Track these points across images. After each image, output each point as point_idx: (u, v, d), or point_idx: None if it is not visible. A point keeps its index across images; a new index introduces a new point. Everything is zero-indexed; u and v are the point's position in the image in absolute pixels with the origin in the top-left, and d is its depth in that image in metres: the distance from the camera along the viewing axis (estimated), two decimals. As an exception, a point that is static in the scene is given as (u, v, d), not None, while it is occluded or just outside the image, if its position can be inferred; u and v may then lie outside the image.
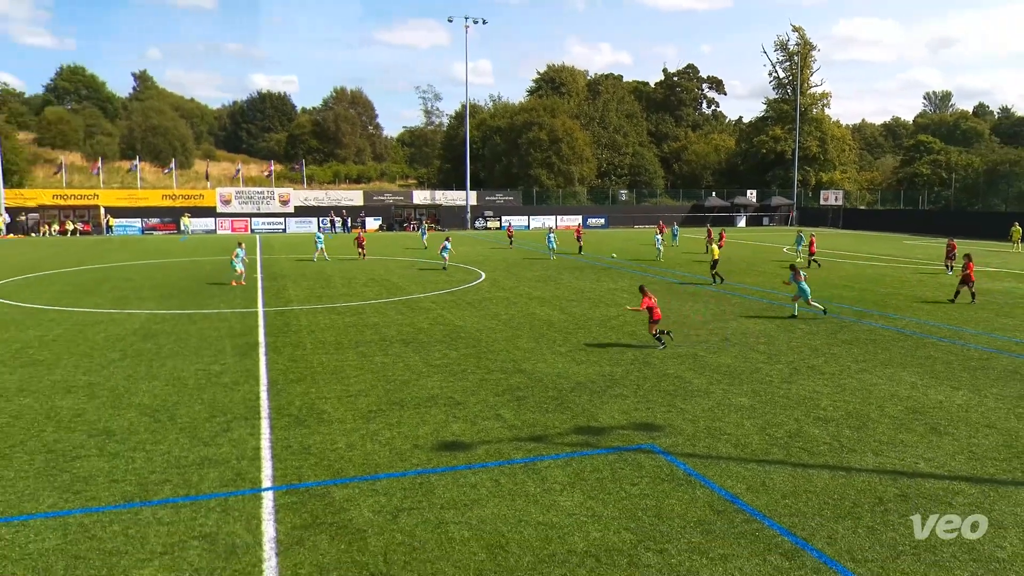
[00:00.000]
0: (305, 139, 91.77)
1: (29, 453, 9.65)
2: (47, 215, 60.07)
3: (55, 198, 61.44)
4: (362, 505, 8.16)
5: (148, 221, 62.79)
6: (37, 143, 75.46)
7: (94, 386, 12.92)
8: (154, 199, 64.74)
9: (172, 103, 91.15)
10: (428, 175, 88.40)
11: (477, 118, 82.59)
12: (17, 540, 7.31)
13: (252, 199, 66.52)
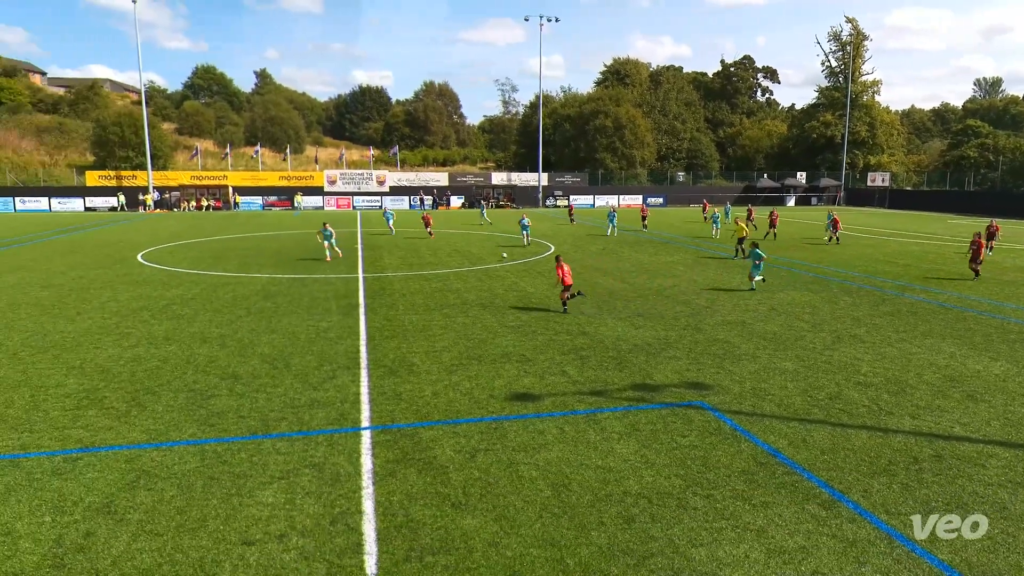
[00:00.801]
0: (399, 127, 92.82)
1: (174, 391, 10.28)
2: (186, 193, 63.00)
3: (193, 179, 64.32)
4: (445, 445, 8.36)
5: (267, 199, 65.06)
6: (178, 132, 78.86)
7: (224, 337, 13.59)
8: (272, 180, 66.95)
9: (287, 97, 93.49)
10: (505, 159, 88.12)
11: (549, 107, 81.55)
12: (165, 462, 7.84)
13: (354, 180, 67.98)
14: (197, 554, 5.99)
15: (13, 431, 8.66)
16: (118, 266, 23.78)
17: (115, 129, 64.76)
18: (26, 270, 22.70)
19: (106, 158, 65.18)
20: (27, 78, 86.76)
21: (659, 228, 41.88)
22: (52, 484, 7.25)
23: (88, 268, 23.22)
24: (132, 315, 15.63)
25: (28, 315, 15.58)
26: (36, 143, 69.47)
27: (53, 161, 67.49)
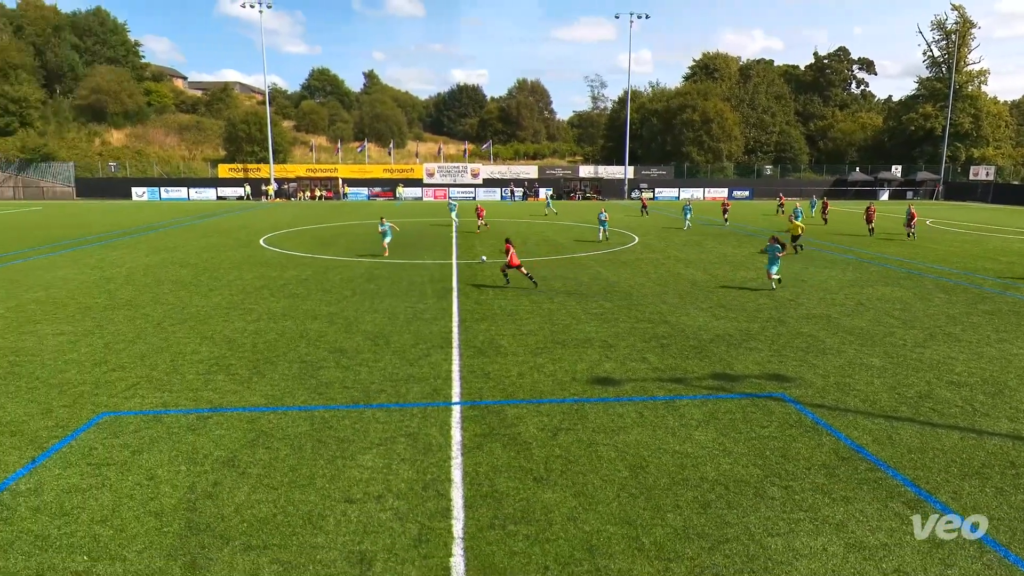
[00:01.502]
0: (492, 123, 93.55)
1: (289, 362, 10.90)
2: (302, 184, 66.29)
3: (308, 171, 67.56)
4: (529, 423, 8.44)
5: (373, 189, 67.42)
6: (296, 129, 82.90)
7: (333, 315, 14.26)
8: (377, 172, 69.27)
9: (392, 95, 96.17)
10: (592, 152, 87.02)
11: (637, 102, 79.69)
12: (280, 424, 8.35)
13: (450, 172, 69.25)
14: (306, 508, 6.36)
15: (157, 390, 9.48)
16: (244, 249, 25.38)
17: (243, 127, 68.93)
18: (169, 251, 24.65)
19: (235, 152, 69.55)
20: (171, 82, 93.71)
21: (742, 221, 40.20)
22: (187, 438, 7.89)
23: (219, 250, 24.93)
24: (255, 293, 16.66)
25: (170, 290, 16.93)
26: (178, 139, 75.06)
27: (191, 155, 72.74)
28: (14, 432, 8.00)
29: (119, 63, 78.43)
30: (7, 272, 19.67)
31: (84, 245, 26.32)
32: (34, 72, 69.23)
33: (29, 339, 12.15)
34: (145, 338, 12.26)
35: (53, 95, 72.98)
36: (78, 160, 65.70)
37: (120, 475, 6.96)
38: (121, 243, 27.19)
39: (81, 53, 76.72)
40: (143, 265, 21.14)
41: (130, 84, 74.16)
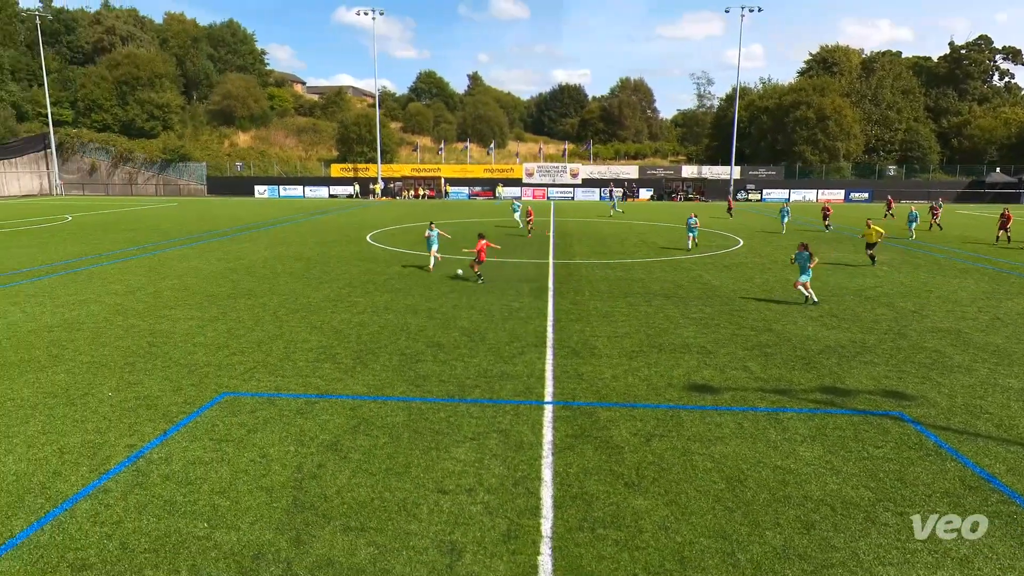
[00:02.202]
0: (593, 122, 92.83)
1: (389, 354, 11.35)
2: (407, 183, 68.82)
3: (412, 171, 70.06)
4: (621, 426, 8.31)
5: (473, 189, 68.86)
6: (402, 130, 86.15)
7: (432, 311, 14.70)
8: (477, 172, 70.68)
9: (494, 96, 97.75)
10: (696, 152, 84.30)
11: (746, 99, 76.31)
12: (379, 413, 8.72)
13: (549, 172, 69.46)
14: (401, 495, 6.60)
15: (271, 375, 10.17)
16: (352, 245, 26.69)
17: (354, 128, 72.54)
18: (285, 245, 26.37)
19: (346, 153, 73.32)
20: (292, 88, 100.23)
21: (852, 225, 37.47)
22: (296, 421, 8.41)
23: (329, 245, 26.37)
24: (360, 287, 17.49)
25: (285, 282, 18.11)
26: (296, 141, 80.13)
27: (307, 155, 77.41)
28: (150, 406, 8.86)
29: (247, 71, 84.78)
30: (149, 261, 21.81)
31: (212, 239, 28.69)
32: (175, 80, 76.24)
33: (165, 323, 13.41)
34: (262, 326, 13.18)
35: (191, 101, 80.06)
36: (209, 160, 71.72)
37: (237, 451, 7.53)
38: (244, 237, 29.41)
39: (215, 62, 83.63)
40: (262, 258, 22.74)
41: (256, 90, 79.97)
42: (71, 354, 11.18)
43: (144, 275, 19.08)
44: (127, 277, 18.71)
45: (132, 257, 22.79)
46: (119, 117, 70.77)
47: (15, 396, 9.19)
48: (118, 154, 69.85)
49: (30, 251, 24.16)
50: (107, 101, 70.22)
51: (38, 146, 67.92)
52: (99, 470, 7.04)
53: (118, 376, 10.05)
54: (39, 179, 68.32)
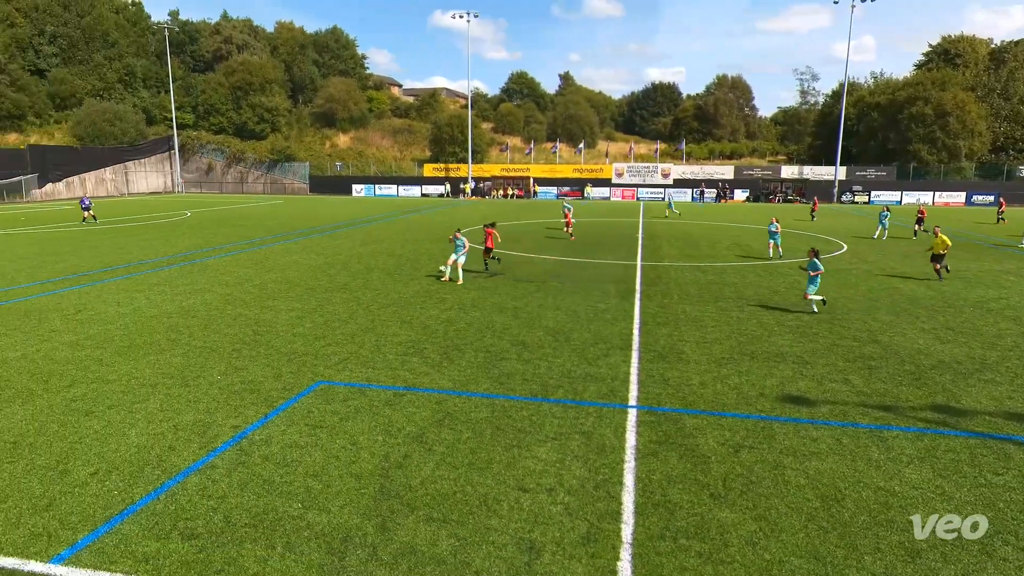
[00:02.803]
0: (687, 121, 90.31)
1: (475, 350, 11.54)
2: (496, 183, 69.74)
3: (502, 171, 70.90)
4: (708, 435, 8.05)
5: (562, 188, 68.80)
6: (493, 131, 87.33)
7: (517, 309, 14.81)
8: (566, 172, 70.53)
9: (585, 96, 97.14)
10: (798, 151, 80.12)
11: (854, 95, 71.66)
12: (464, 408, 8.88)
13: (639, 173, 68.26)
14: (483, 490, 6.70)
15: (362, 366, 10.60)
16: (441, 243, 27.34)
17: (447, 129, 74.30)
18: (378, 242, 27.40)
19: (439, 153, 75.23)
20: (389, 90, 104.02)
21: (968, 229, 34.31)
22: (385, 412, 8.72)
23: (420, 243, 27.15)
24: (448, 284, 17.88)
25: (378, 278, 18.82)
26: (392, 141, 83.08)
27: (402, 156, 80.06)
28: (253, 391, 9.46)
29: (348, 75, 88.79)
30: (256, 255, 23.30)
31: (312, 235, 30.26)
32: (283, 85, 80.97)
33: (268, 313, 14.28)
34: (356, 319, 13.77)
35: (296, 104, 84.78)
36: (312, 160, 75.68)
37: (330, 437, 7.91)
38: (341, 234, 30.82)
39: (319, 67, 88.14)
40: (357, 254, 23.74)
41: (356, 93, 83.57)
42: (186, 339, 12.13)
43: (251, 268, 20.40)
44: (236, 269, 20.08)
45: (241, 251, 24.43)
46: (233, 120, 76.03)
47: (139, 375, 10.08)
48: (232, 155, 75.09)
49: (154, 244, 26.43)
50: (223, 105, 75.61)
51: (163, 147, 74.15)
52: (208, 447, 7.60)
53: (226, 361, 10.80)
54: (164, 178, 74.58)
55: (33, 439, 7.80)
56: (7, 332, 12.56)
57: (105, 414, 8.56)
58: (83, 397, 9.15)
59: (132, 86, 74.66)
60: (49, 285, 17.42)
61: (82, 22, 70.82)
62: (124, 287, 17.16)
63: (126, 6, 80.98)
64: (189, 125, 76.32)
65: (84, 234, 29.74)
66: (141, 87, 75.67)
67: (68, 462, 7.22)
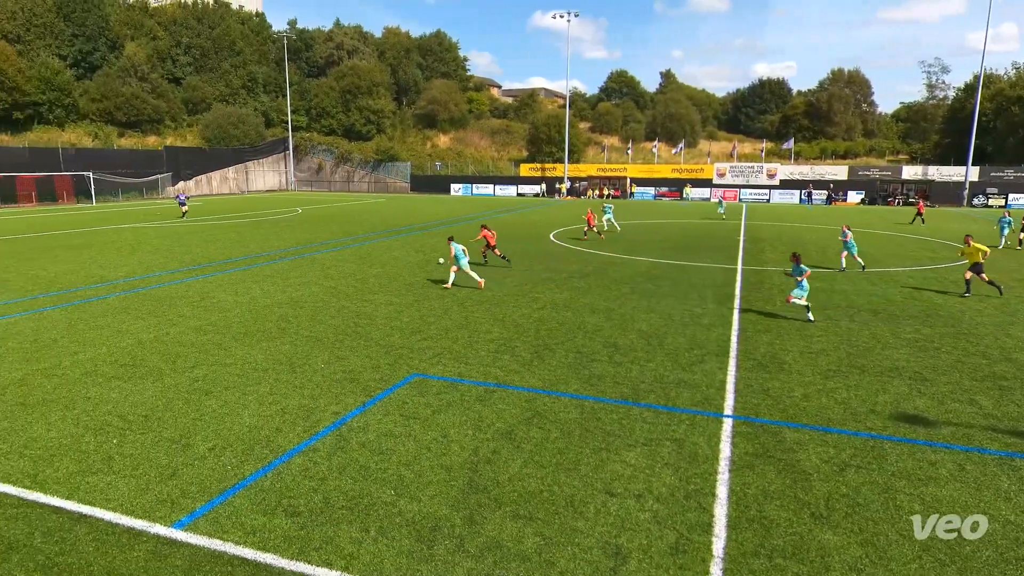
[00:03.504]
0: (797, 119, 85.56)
1: (566, 351, 11.52)
2: (592, 183, 69.21)
3: (598, 171, 70.31)
4: (810, 451, 7.60)
5: (659, 189, 67.25)
6: (591, 130, 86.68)
7: (610, 311, 14.63)
8: (665, 172, 68.84)
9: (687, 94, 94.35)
10: (923, 150, 73.93)
11: (992, 88, 65.09)
12: (553, 408, 8.89)
13: (743, 173, 65.50)
14: (569, 491, 6.68)
15: (455, 362, 10.85)
16: (535, 242, 27.49)
17: (544, 129, 74.60)
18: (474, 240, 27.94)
19: (535, 153, 75.67)
20: (489, 91, 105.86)
21: None
22: (475, 407, 8.89)
23: (515, 241, 27.42)
24: (541, 284, 17.95)
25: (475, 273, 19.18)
26: (490, 142, 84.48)
27: (499, 156, 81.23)
28: (353, 380, 9.93)
29: (450, 77, 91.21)
30: (359, 251, 24.43)
31: (412, 232, 31.30)
32: (389, 88, 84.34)
33: (368, 306, 14.93)
34: (450, 315, 14.11)
35: (400, 106, 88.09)
36: (413, 160, 78.35)
37: (423, 429, 8.16)
38: (439, 231, 31.69)
39: (423, 70, 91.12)
40: (454, 251, 24.31)
41: (456, 95, 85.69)
42: (295, 328, 12.91)
43: (355, 262, 21.41)
44: (341, 264, 21.14)
45: (346, 247, 25.68)
46: (342, 122, 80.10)
47: (252, 360, 10.84)
48: (340, 155, 79.16)
49: (269, 238, 28.32)
50: (333, 108, 79.82)
51: (279, 148, 79.30)
52: (311, 431, 8.06)
53: (329, 350, 11.40)
54: (279, 176, 79.75)
55: (161, 414, 8.58)
56: (143, 316, 13.89)
57: (222, 395, 9.27)
58: (204, 378, 9.96)
59: (254, 91, 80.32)
60: (179, 274, 19.09)
61: (213, 33, 76.98)
62: (242, 278, 18.51)
63: (251, 17, 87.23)
64: (302, 127, 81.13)
65: (210, 228, 32.33)
66: (261, 92, 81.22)
67: (190, 436, 7.89)
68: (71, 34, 66.47)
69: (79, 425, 8.20)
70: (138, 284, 17.55)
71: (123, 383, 9.72)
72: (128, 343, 11.83)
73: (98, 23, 68.53)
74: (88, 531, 5.92)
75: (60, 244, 26.24)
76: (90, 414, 8.56)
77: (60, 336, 12.28)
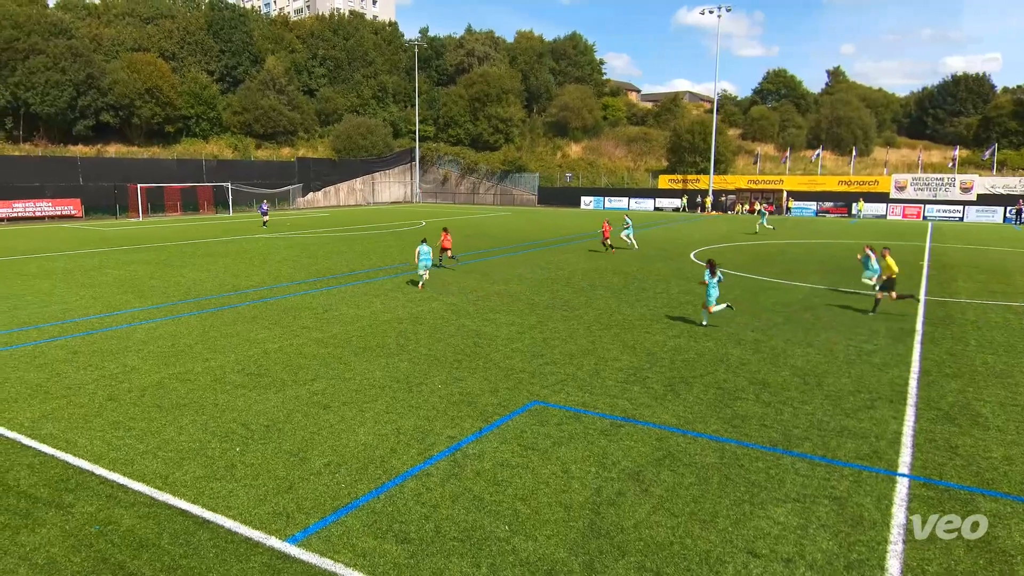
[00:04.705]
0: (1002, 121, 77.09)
1: (704, 385, 11.09)
2: (741, 197, 66.57)
3: (749, 183, 67.48)
4: (1013, 528, 6.73)
5: (822, 204, 63.25)
6: (741, 137, 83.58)
7: (759, 343, 13.92)
8: (830, 184, 64.67)
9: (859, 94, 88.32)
10: None
11: None
12: (688, 449, 8.56)
13: (928, 186, 60.00)
14: (704, 546, 6.38)
15: (580, 390, 10.80)
16: (672, 261, 26.86)
17: (687, 136, 72.96)
18: (604, 258, 27.79)
19: (676, 163, 74.15)
20: (626, 96, 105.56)
21: None
22: (600, 442, 8.77)
23: (650, 260, 26.95)
24: (678, 307, 17.47)
25: (601, 296, 19.07)
26: (625, 151, 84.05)
27: (635, 166, 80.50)
28: (470, 403, 10.18)
29: (584, 82, 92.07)
30: (481, 266, 25.16)
31: (536, 248, 31.76)
32: (519, 95, 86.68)
33: (489, 326, 15.29)
34: (575, 339, 14.10)
35: (530, 114, 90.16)
36: (542, 171, 79.71)
37: (541, 461, 8.18)
38: (566, 248, 31.89)
39: (555, 75, 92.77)
40: (581, 270, 24.34)
41: (591, 100, 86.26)
42: (413, 345, 13.50)
43: (476, 278, 22.05)
44: (462, 280, 21.86)
45: (468, 261, 26.55)
46: (470, 131, 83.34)
47: (370, 376, 11.46)
48: (466, 166, 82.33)
49: (391, 251, 29.95)
50: (461, 117, 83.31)
51: (406, 159, 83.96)
52: (425, 454, 8.35)
53: (447, 371, 11.79)
54: (404, 188, 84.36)
55: (282, 425, 9.29)
56: (270, 326, 15.17)
57: (340, 410, 9.87)
58: (323, 391, 10.66)
59: (383, 101, 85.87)
60: (304, 285, 20.68)
61: (347, 44, 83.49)
62: (364, 291, 19.69)
63: (384, 27, 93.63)
64: (429, 137, 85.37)
65: (335, 240, 34.79)
66: (391, 102, 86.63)
67: (307, 450, 8.46)
68: (219, 50, 74.85)
69: (207, 431, 9.07)
70: (266, 294, 19.20)
71: (248, 391, 10.64)
72: (255, 352, 12.95)
73: (243, 38, 76.63)
74: (210, 537, 6.50)
75: (200, 252, 29.39)
76: (217, 420, 9.44)
77: (194, 342, 13.70)
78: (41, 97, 56.76)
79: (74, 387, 10.86)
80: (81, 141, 61.56)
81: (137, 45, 69.32)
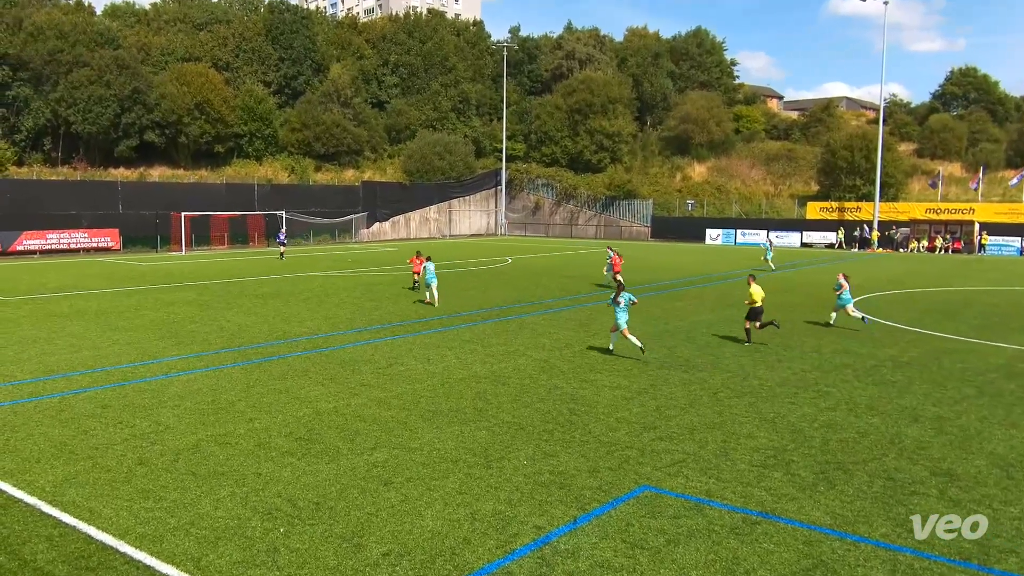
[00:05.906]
0: None
1: (869, 475, 10.54)
2: (917, 230, 63.83)
3: (927, 212, 64.70)
4: None
5: (1029, 240, 59.71)
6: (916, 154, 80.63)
7: (943, 420, 13.15)
8: (1039, 214, 61.12)
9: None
10: None
11: None
12: (846, 557, 8.12)
13: None
14: None
15: (703, 474, 10.50)
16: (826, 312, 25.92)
17: (844, 153, 71.03)
18: (736, 306, 27.14)
19: (830, 187, 72.17)
20: (764, 104, 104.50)
21: None
22: (729, 543, 8.45)
23: (794, 310, 26.13)
24: (834, 371, 16.80)
25: (731, 355, 18.63)
26: (763, 172, 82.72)
27: (776, 191, 78.97)
28: (563, 485, 10.08)
29: (711, 87, 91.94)
30: (579, 314, 25.16)
31: (648, 292, 31.46)
32: (629, 105, 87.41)
33: (588, 388, 15.19)
34: (698, 408, 13.78)
35: (643, 128, 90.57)
36: (656, 197, 79.53)
37: (652, 565, 7.95)
38: (686, 293, 31.50)
39: (675, 80, 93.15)
40: (705, 321, 23.89)
41: (719, 110, 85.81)
42: (494, 410, 13.57)
43: (573, 330, 22.05)
44: (556, 330, 21.91)
45: (564, 308, 26.62)
46: (567, 149, 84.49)
47: (441, 447, 11.58)
48: (562, 191, 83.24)
49: (471, 294, 30.47)
50: (558, 132, 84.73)
51: (490, 183, 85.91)
52: (505, 547, 8.29)
53: (535, 443, 11.75)
54: (487, 217, 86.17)
55: (334, 502, 9.49)
56: (324, 382, 15.68)
57: (403, 487, 10.00)
58: (384, 463, 10.85)
59: (465, 114, 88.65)
60: (365, 334, 21.31)
61: (423, 48, 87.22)
62: (436, 341, 20.07)
63: (467, 27, 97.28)
64: (519, 156, 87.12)
65: (404, 279, 35.81)
66: (474, 115, 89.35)
67: (363, 535, 8.59)
68: (278, 58, 79.88)
69: (247, 506, 9.39)
70: (320, 343, 19.91)
71: (296, 460, 10.98)
72: (305, 413, 13.39)
73: (305, 44, 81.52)
74: (245, 636, 6.66)
75: (248, 292, 30.94)
76: (259, 494, 9.76)
77: (237, 399, 14.32)
78: (83, 115, 62.16)
79: (101, 447, 11.55)
80: (123, 163, 66.80)
81: (188, 54, 75.00)
